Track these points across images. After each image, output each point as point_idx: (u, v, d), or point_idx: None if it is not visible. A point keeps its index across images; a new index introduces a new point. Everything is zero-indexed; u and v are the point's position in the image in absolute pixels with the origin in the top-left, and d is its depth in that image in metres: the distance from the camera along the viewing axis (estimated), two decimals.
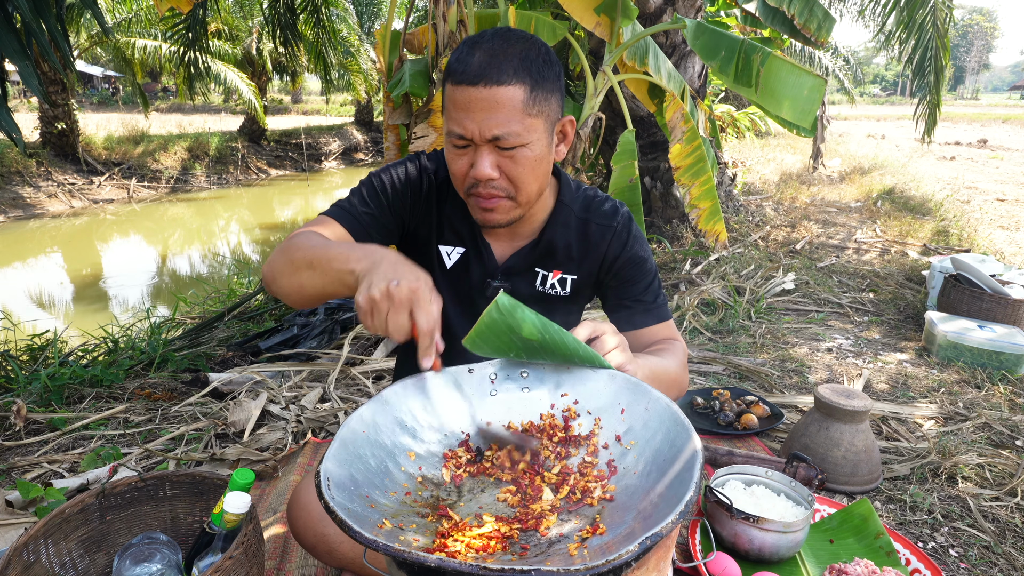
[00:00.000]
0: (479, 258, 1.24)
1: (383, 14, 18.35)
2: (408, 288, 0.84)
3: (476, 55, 1.01)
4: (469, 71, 1.00)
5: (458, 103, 1.02)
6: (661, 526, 0.64)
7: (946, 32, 4.93)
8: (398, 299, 0.83)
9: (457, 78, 1.01)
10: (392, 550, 0.63)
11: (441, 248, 1.25)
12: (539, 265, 1.25)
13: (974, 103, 54.75)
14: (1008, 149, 15.18)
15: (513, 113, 1.02)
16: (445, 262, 1.25)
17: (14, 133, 1.98)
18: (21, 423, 2.17)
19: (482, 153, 1.04)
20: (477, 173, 1.05)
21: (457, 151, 1.07)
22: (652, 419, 0.91)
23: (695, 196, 3.18)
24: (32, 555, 1.10)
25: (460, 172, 1.08)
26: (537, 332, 0.94)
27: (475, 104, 1.01)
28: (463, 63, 1.01)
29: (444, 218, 1.24)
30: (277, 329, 3.31)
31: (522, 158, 1.05)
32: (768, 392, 2.61)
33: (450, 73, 1.03)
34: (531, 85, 1.03)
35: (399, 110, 3.19)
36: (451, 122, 1.04)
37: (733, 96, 12.39)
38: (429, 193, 1.22)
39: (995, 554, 1.63)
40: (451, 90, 1.03)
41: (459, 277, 1.25)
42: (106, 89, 29.78)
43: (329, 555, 1.15)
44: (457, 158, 1.07)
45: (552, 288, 1.26)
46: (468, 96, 1.01)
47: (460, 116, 1.02)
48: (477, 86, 1.00)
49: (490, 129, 1.01)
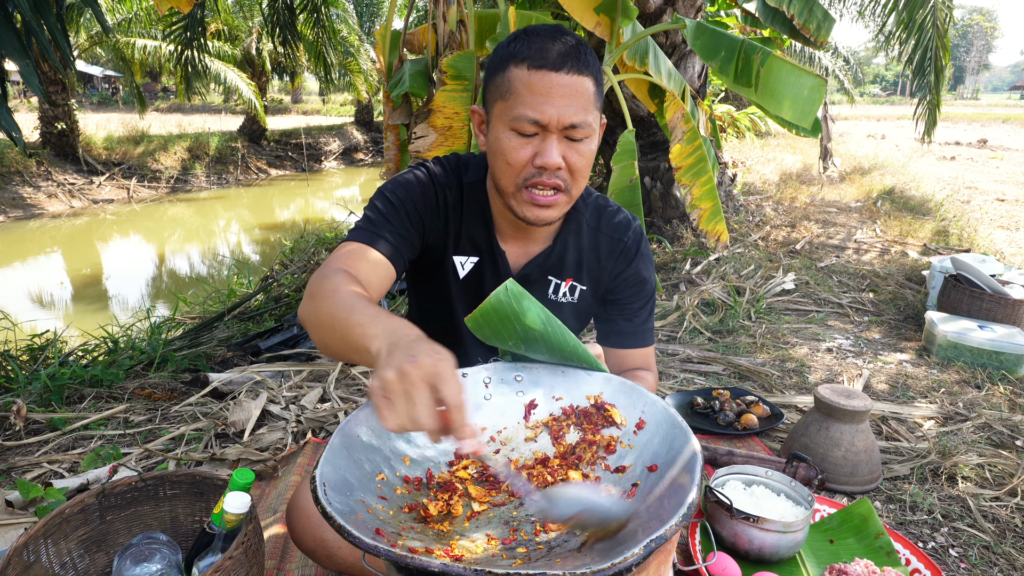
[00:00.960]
0: (494, 267, 1.21)
1: (383, 14, 18.34)
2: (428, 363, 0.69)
3: (552, 43, 1.00)
4: (550, 57, 0.98)
5: (536, 88, 0.99)
6: (665, 529, 0.64)
7: (946, 32, 4.93)
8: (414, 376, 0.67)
9: (536, 63, 0.99)
10: (395, 555, 0.62)
11: (456, 259, 1.22)
12: (552, 273, 1.24)
13: (974, 103, 54.74)
14: (1008, 149, 15.17)
15: (588, 103, 1.02)
16: (459, 273, 1.22)
17: (14, 133, 1.98)
18: (21, 423, 2.17)
19: (552, 141, 1.02)
20: (547, 160, 1.01)
21: (521, 139, 1.03)
22: (650, 423, 0.91)
23: (696, 196, 3.18)
24: (32, 555, 1.10)
25: (521, 160, 1.03)
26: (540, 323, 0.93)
27: (557, 90, 0.98)
28: (542, 48, 0.99)
29: (462, 228, 1.20)
30: (277, 329, 3.30)
31: (586, 150, 1.05)
32: (768, 392, 2.61)
33: (524, 58, 1.00)
34: (596, 79, 1.03)
35: (399, 110, 3.19)
36: (523, 107, 1.00)
37: (733, 96, 12.38)
38: (443, 202, 1.18)
39: (995, 554, 1.63)
40: (526, 75, 0.99)
41: (472, 287, 1.23)
42: (106, 89, 29.78)
43: (328, 559, 1.15)
44: (520, 147, 1.03)
45: (564, 296, 1.25)
46: (550, 81, 0.98)
47: (537, 101, 0.99)
48: (560, 72, 0.98)
49: (569, 116, 1.00)
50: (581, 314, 1.28)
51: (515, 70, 1.01)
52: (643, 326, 1.28)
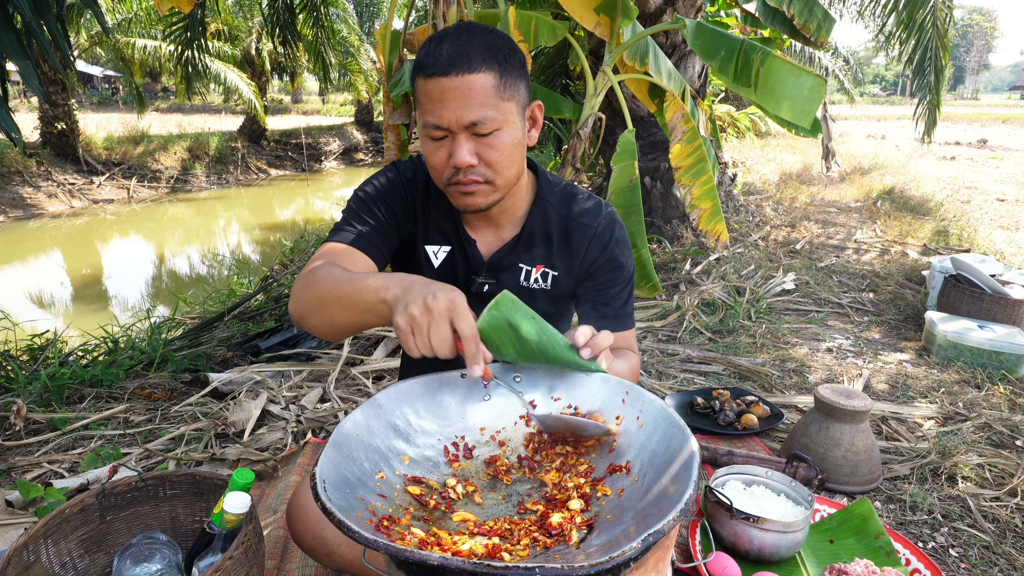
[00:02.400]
0: (464, 255, 1.26)
1: (383, 14, 18.35)
2: (446, 299, 0.83)
3: (443, 48, 1.03)
4: (440, 63, 1.02)
5: (432, 95, 1.03)
6: (663, 523, 0.65)
7: (946, 32, 4.93)
8: (437, 311, 0.82)
9: (428, 71, 1.03)
10: (394, 549, 0.62)
11: (428, 248, 1.26)
12: (523, 260, 1.26)
13: (974, 103, 54.75)
14: (1008, 149, 15.17)
15: (487, 98, 1.04)
16: (432, 262, 1.27)
17: (14, 133, 1.98)
18: (21, 423, 2.17)
19: (459, 141, 1.05)
20: (456, 160, 1.06)
21: (435, 143, 1.08)
22: (647, 421, 0.91)
23: (696, 196, 3.17)
24: (32, 555, 1.10)
25: (440, 163, 1.09)
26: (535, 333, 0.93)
27: (449, 93, 1.02)
28: (432, 56, 1.03)
29: (430, 219, 1.25)
30: (277, 329, 3.31)
31: (499, 143, 1.07)
32: (768, 392, 2.61)
33: (420, 68, 1.04)
34: (499, 71, 1.05)
35: (399, 110, 3.19)
36: (426, 115, 1.05)
37: (733, 96, 12.38)
38: (411, 196, 1.24)
39: (995, 554, 1.63)
40: (423, 84, 1.04)
41: (447, 276, 1.27)
42: (106, 89, 29.79)
43: (328, 557, 1.15)
44: (436, 150, 1.08)
45: (536, 283, 1.28)
46: (441, 87, 1.02)
47: (435, 107, 1.04)
48: (449, 76, 1.02)
49: (466, 115, 1.03)
50: (555, 300, 1.31)
51: (418, 81, 1.06)
52: (623, 310, 1.31)
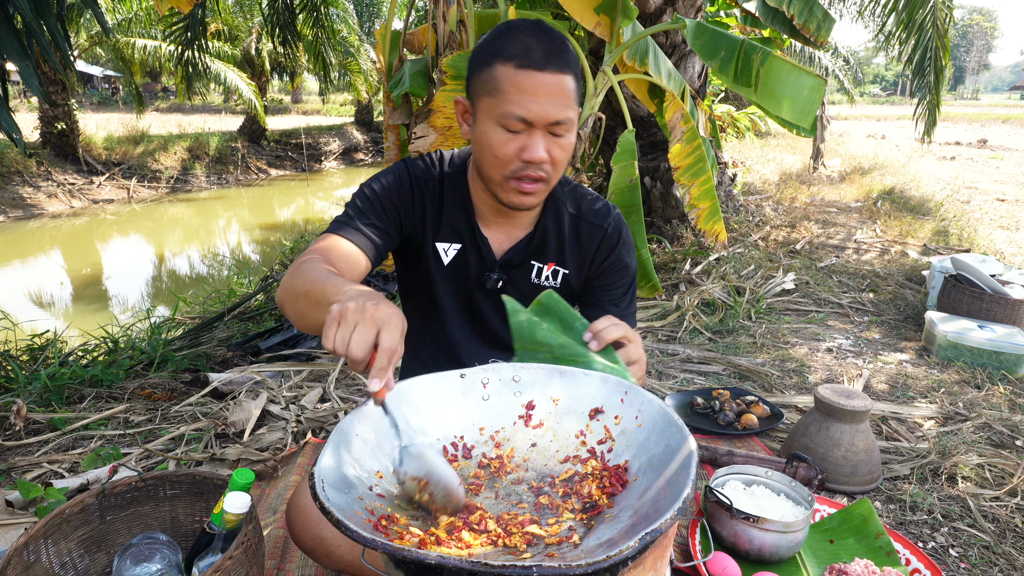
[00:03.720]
0: (477, 252, 1.27)
1: (383, 14, 18.36)
2: (387, 311, 0.79)
3: (534, 42, 1.04)
4: (534, 56, 1.03)
5: (522, 86, 1.04)
6: (660, 522, 0.65)
7: (946, 32, 4.93)
8: (371, 316, 0.78)
9: (521, 62, 1.04)
10: (391, 548, 0.63)
11: (438, 245, 1.27)
12: (535, 258, 1.29)
13: (974, 103, 54.76)
14: (1008, 149, 15.17)
15: (570, 100, 1.08)
16: (443, 259, 1.27)
17: (14, 133, 1.98)
18: (21, 423, 2.17)
19: (537, 136, 1.07)
20: (533, 155, 1.07)
21: (507, 135, 1.08)
22: (646, 421, 0.91)
23: (695, 196, 3.18)
24: (32, 555, 1.10)
25: (509, 155, 1.09)
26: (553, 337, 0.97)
27: (541, 88, 1.04)
28: (527, 48, 1.04)
29: (443, 216, 1.25)
30: (277, 329, 3.31)
31: (567, 144, 1.12)
32: (768, 392, 2.61)
33: (509, 57, 1.04)
34: (576, 75, 1.09)
35: (399, 110, 3.19)
36: (510, 104, 1.05)
37: (733, 96, 12.38)
38: (420, 195, 1.25)
39: (995, 554, 1.63)
40: (512, 73, 1.04)
41: (457, 273, 1.28)
42: (106, 89, 29.79)
43: (328, 558, 1.15)
44: (507, 142, 1.08)
45: (547, 280, 1.30)
46: (534, 80, 1.04)
47: (523, 99, 1.04)
48: (544, 71, 1.04)
49: (553, 113, 1.06)
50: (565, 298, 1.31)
51: (501, 68, 1.05)
52: (627, 309, 1.35)
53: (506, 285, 1.29)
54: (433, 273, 1.28)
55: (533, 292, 1.25)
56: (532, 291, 1.26)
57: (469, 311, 1.33)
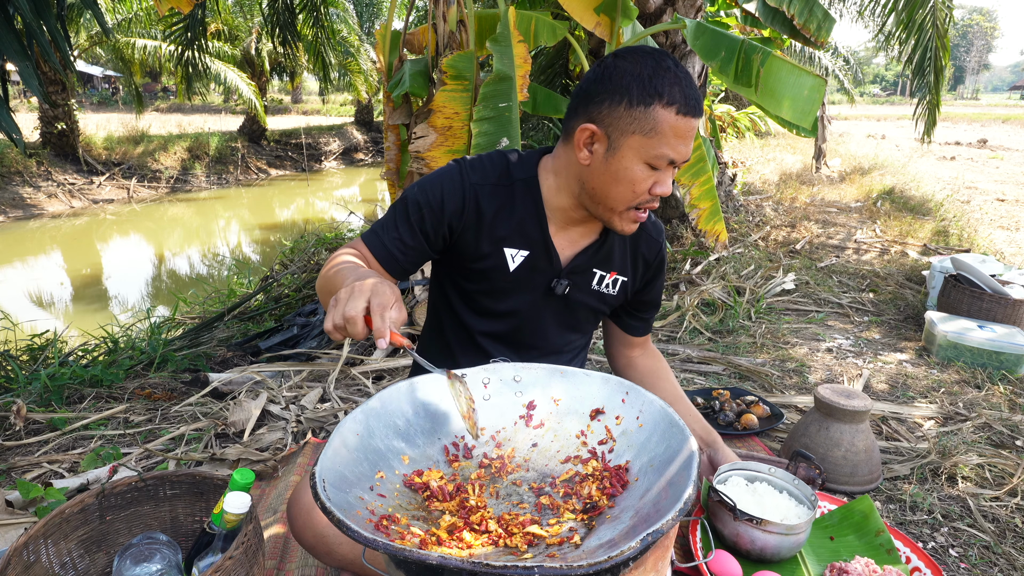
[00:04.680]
0: (547, 259, 1.28)
1: (383, 14, 18.36)
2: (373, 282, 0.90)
3: (691, 89, 1.10)
4: (693, 105, 1.10)
5: (680, 131, 1.10)
6: (661, 523, 0.65)
7: (946, 32, 4.93)
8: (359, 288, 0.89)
9: (684, 110, 1.09)
10: (392, 548, 0.63)
11: (506, 251, 1.28)
12: (598, 266, 1.33)
13: (974, 103, 54.73)
14: (1008, 149, 15.17)
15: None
16: (509, 265, 1.28)
17: (14, 133, 1.97)
18: (21, 423, 2.17)
19: (669, 174, 1.15)
20: (665, 191, 1.15)
21: (652, 172, 1.14)
22: (647, 421, 0.91)
23: (695, 196, 3.18)
24: (32, 555, 1.10)
25: (643, 191, 1.15)
26: None
27: (690, 134, 1.12)
28: (688, 96, 1.09)
29: (513, 221, 1.26)
30: (277, 329, 3.31)
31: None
32: (768, 392, 2.61)
33: (672, 102, 1.08)
34: None
35: (399, 110, 3.19)
36: (666, 148, 1.10)
37: (733, 96, 12.37)
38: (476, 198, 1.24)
39: (995, 554, 1.63)
40: (673, 119, 1.09)
41: (523, 278, 1.29)
42: (106, 89, 29.78)
43: (328, 555, 1.15)
44: (647, 178, 1.14)
45: (607, 288, 1.35)
46: (689, 127, 1.10)
47: (678, 144, 1.11)
48: (696, 118, 1.11)
49: (689, 154, 1.14)
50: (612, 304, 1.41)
51: (664, 112, 1.09)
52: (653, 316, 1.51)
53: (571, 290, 1.32)
54: (497, 279, 1.29)
55: (594, 298, 1.33)
56: (593, 296, 1.34)
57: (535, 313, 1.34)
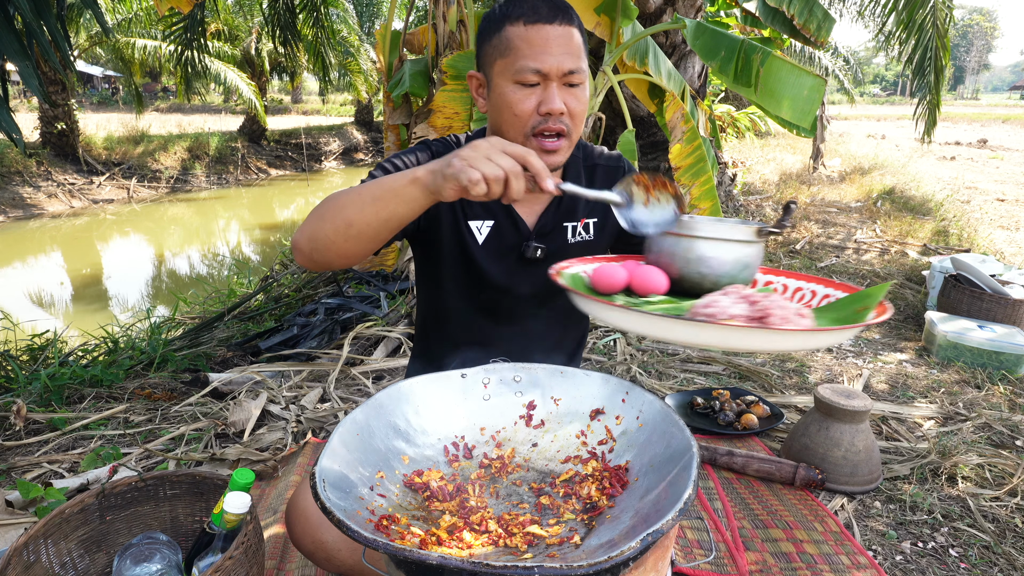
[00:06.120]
0: (513, 225, 1.27)
1: (383, 14, 18.37)
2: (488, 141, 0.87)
3: (542, 1, 1.08)
4: (541, 11, 1.08)
5: (533, 41, 1.08)
6: (661, 523, 0.65)
7: (946, 32, 4.93)
8: (484, 145, 0.86)
9: (530, 18, 1.08)
10: (393, 548, 0.63)
11: (471, 224, 1.26)
12: (566, 219, 1.30)
13: (974, 103, 54.75)
14: (1008, 149, 15.17)
15: (580, 51, 1.11)
16: (477, 237, 1.27)
17: (14, 133, 1.98)
18: (21, 423, 2.17)
19: (553, 88, 1.10)
20: (552, 107, 1.09)
21: (524, 91, 1.10)
22: (647, 421, 0.91)
23: (695, 196, 3.18)
24: (32, 555, 1.10)
25: (527, 111, 1.11)
26: None
27: (553, 41, 1.07)
28: (534, 6, 1.08)
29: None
30: (277, 329, 3.30)
31: (582, 95, 1.14)
32: (768, 392, 2.61)
33: (517, 16, 1.08)
34: (581, 31, 1.12)
35: (399, 110, 3.19)
36: (524, 59, 1.08)
37: (733, 96, 12.38)
38: None
39: (995, 554, 1.63)
40: (521, 30, 1.08)
41: (493, 249, 1.28)
42: (106, 89, 29.78)
43: (327, 561, 1.15)
44: (525, 98, 1.10)
45: (582, 236, 1.32)
46: (545, 33, 1.07)
47: (536, 53, 1.08)
48: (553, 24, 1.08)
49: (566, 63, 1.08)
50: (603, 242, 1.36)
51: (511, 28, 1.09)
52: None
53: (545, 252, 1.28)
54: (471, 251, 1.27)
55: (574, 252, 1.27)
56: (572, 252, 1.28)
57: (509, 284, 1.31)
